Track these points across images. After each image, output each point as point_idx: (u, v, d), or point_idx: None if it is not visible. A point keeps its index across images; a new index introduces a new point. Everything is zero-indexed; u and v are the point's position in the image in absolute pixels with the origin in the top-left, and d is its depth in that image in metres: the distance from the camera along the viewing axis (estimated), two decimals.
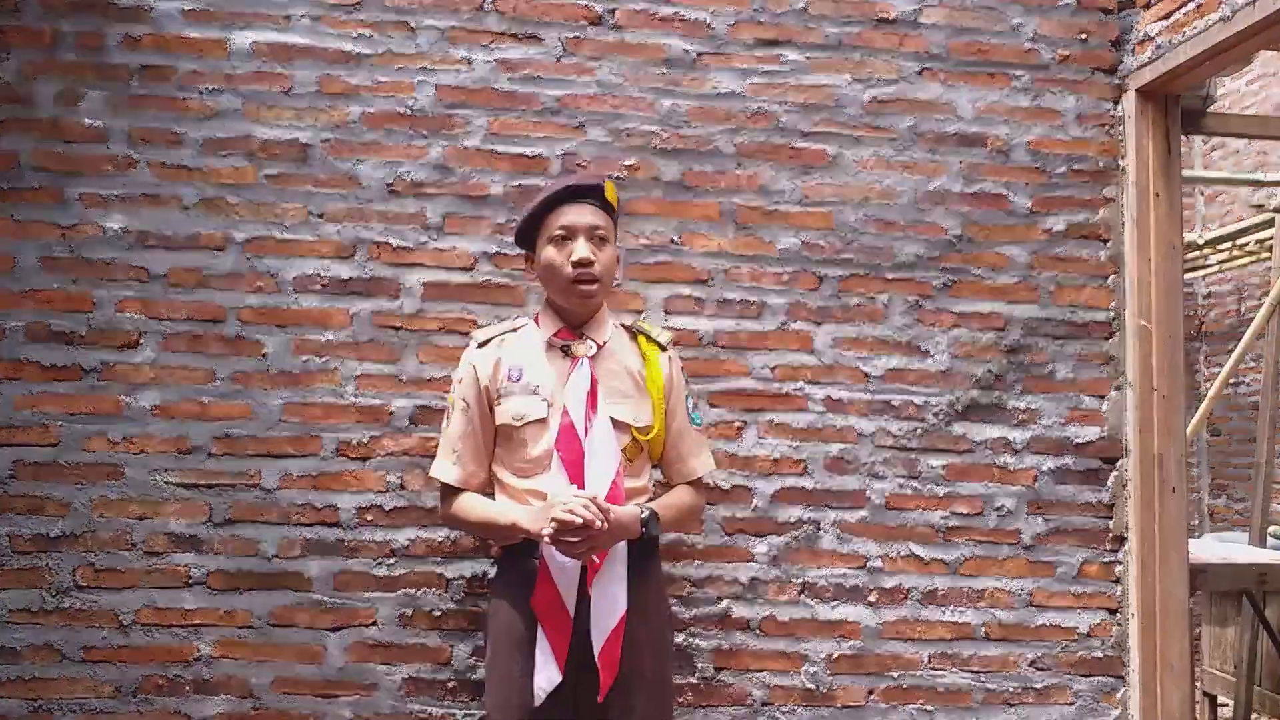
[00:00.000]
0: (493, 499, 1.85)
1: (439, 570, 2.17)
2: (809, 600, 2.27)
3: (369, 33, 2.23)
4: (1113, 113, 2.44)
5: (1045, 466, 2.36)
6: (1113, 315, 2.41)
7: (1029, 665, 2.32)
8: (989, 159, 2.39)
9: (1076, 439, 2.37)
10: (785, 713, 2.24)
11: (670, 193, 2.30)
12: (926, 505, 2.32)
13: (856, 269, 2.34)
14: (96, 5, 2.17)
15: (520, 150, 2.26)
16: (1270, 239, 4.60)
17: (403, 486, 2.17)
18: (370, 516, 2.16)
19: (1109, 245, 2.42)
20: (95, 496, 2.10)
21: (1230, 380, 4.67)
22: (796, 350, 2.31)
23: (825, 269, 2.33)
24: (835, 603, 2.28)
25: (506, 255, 2.24)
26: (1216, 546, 3.69)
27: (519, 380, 1.81)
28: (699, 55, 2.32)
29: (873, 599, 2.28)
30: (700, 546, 2.25)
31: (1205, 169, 6.13)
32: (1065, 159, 2.41)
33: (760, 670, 2.24)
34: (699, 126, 2.32)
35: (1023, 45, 2.41)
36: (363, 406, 2.18)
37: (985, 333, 2.37)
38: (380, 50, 2.23)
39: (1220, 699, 4.01)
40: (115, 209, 2.14)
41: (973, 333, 2.36)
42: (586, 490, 1.69)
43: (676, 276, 2.30)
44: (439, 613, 2.16)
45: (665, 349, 1.93)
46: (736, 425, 2.28)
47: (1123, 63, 2.44)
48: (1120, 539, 2.37)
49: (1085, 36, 2.43)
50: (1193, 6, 2.21)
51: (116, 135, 2.15)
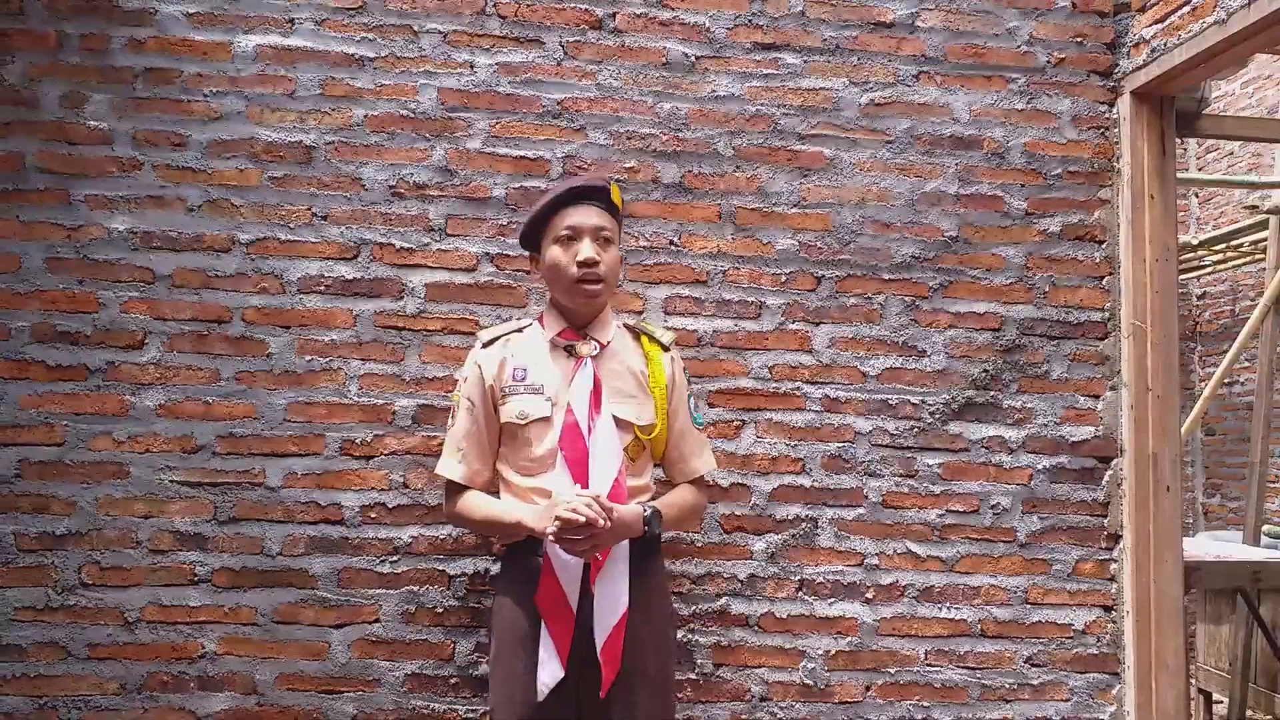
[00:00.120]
0: (497, 497, 1.87)
1: (441, 567, 2.19)
2: (807, 597, 2.29)
3: (372, 36, 2.25)
4: (1108, 115, 2.46)
5: (1041, 465, 2.38)
6: (1108, 316, 2.43)
7: (1025, 662, 2.34)
8: (985, 161, 2.41)
9: (1072, 438, 2.40)
10: (783, 708, 2.26)
11: (670, 194, 2.32)
12: (923, 503, 2.34)
13: (854, 270, 2.36)
14: (101, 8, 2.18)
15: (521, 153, 2.28)
16: (1264, 240, 4.64)
17: (406, 485, 2.19)
18: (373, 514, 2.18)
19: (1104, 246, 2.44)
20: (101, 495, 2.12)
21: (1224, 380, 4.70)
22: (794, 350, 2.33)
23: (823, 270, 2.36)
24: (833, 599, 2.30)
25: (508, 256, 2.26)
26: (1211, 545, 3.71)
27: (524, 380, 1.83)
28: (698, 59, 2.34)
29: (870, 596, 2.31)
30: (699, 544, 2.27)
31: (1200, 171, 6.15)
32: (1060, 161, 2.43)
33: (758, 666, 2.26)
34: (698, 129, 2.34)
35: (1018, 48, 2.44)
36: (366, 406, 2.20)
37: (981, 333, 2.39)
38: (383, 54, 2.25)
39: (1215, 696, 4.02)
40: (120, 210, 2.16)
41: (969, 333, 2.39)
42: (590, 489, 1.71)
43: (676, 277, 2.32)
44: (441, 609, 2.18)
45: (668, 349, 1.94)
46: (735, 424, 2.30)
47: (1118, 65, 2.46)
48: (1115, 537, 2.39)
49: (1081, 40, 2.46)
50: (1188, 10, 2.23)
51: (121, 137, 2.17)
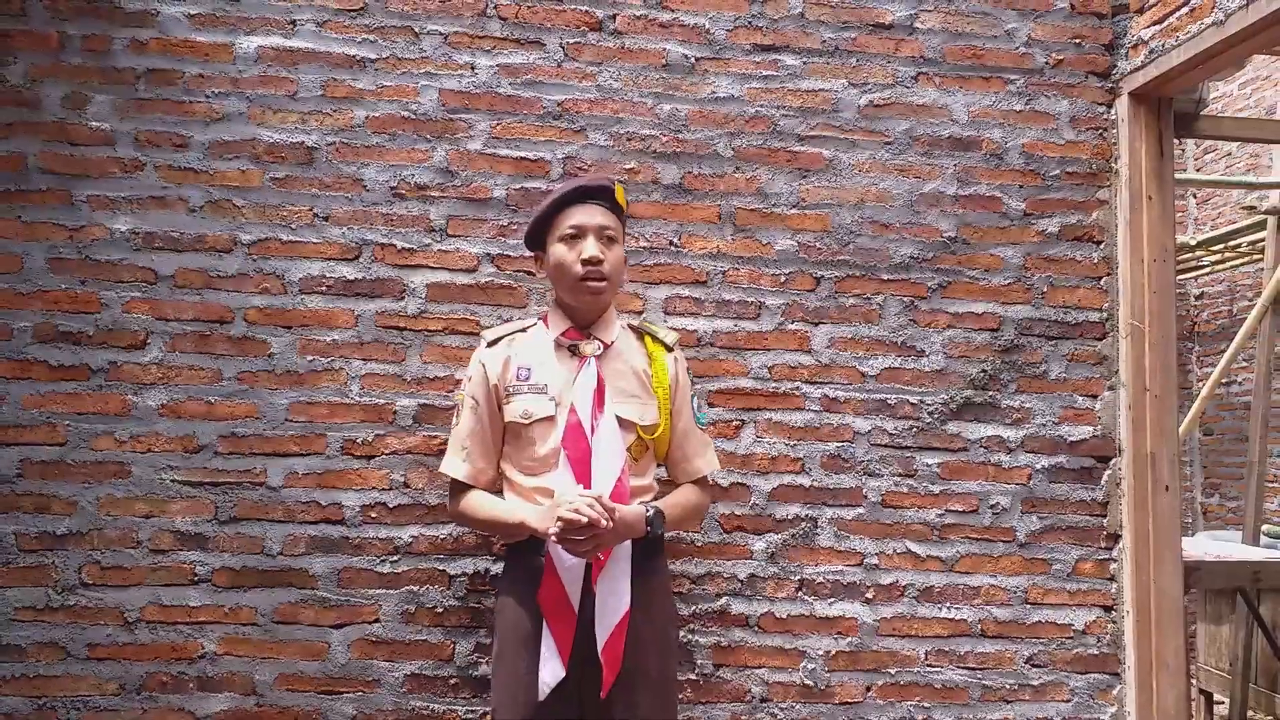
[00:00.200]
0: (501, 496, 1.87)
1: (442, 567, 2.19)
2: (807, 597, 2.29)
3: (373, 38, 2.26)
4: (1106, 116, 2.47)
5: (1039, 465, 2.39)
6: (1106, 316, 2.44)
7: (1025, 662, 2.34)
8: (983, 162, 2.42)
9: (1070, 438, 2.40)
10: (783, 709, 2.26)
11: (670, 195, 2.33)
12: (922, 503, 2.35)
13: (853, 270, 2.37)
14: (103, 9, 2.19)
15: (522, 154, 2.29)
16: (1262, 241, 4.65)
17: (406, 485, 2.19)
18: (374, 514, 2.18)
19: (1102, 247, 2.45)
20: (102, 495, 2.12)
21: (1222, 380, 4.71)
22: (794, 350, 2.34)
23: (822, 270, 2.36)
24: (833, 599, 2.30)
25: (509, 257, 2.26)
26: (1210, 544, 3.72)
27: (527, 379, 1.83)
28: (698, 60, 2.35)
29: (870, 596, 2.31)
30: (699, 544, 2.27)
31: (1198, 172, 6.16)
32: (1059, 162, 2.44)
33: (759, 667, 2.27)
34: (698, 130, 2.34)
35: (1017, 50, 2.45)
36: (367, 406, 2.20)
37: (980, 333, 2.40)
38: (384, 55, 2.26)
39: (1216, 696, 4.03)
40: (122, 211, 2.17)
41: (967, 333, 2.39)
42: (592, 489, 1.71)
43: (676, 278, 2.32)
44: (442, 609, 2.18)
45: (671, 349, 1.94)
46: (734, 424, 2.31)
47: (1116, 67, 2.47)
48: (1114, 537, 2.39)
49: (1079, 41, 2.46)
50: (1186, 11, 2.24)
51: (123, 138, 2.18)
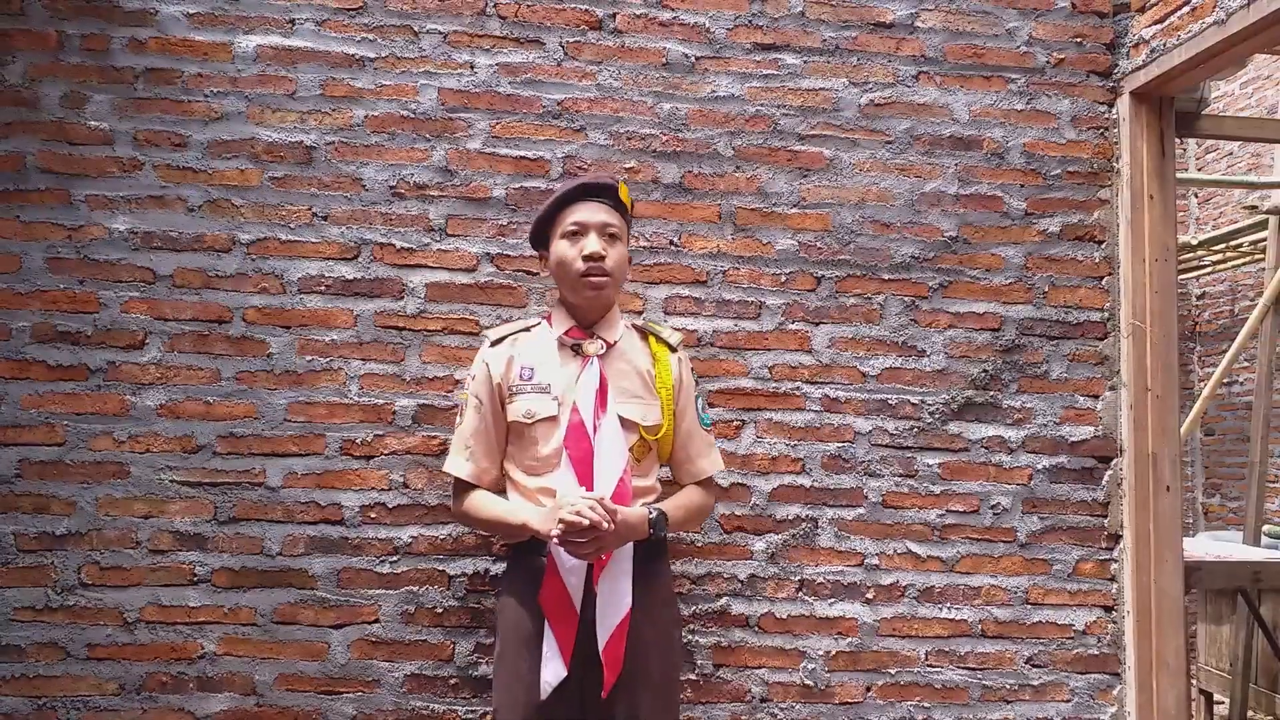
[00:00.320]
0: (505, 496, 1.86)
1: (441, 567, 2.19)
2: (807, 597, 2.29)
3: (372, 37, 2.25)
4: (1107, 115, 2.46)
5: (1040, 465, 2.38)
6: (1107, 316, 2.43)
7: (1025, 662, 2.34)
8: (984, 161, 2.42)
9: (1071, 438, 2.40)
10: (783, 709, 2.26)
11: (670, 195, 2.32)
12: (923, 503, 2.34)
13: (853, 270, 2.37)
14: (102, 9, 2.19)
15: (522, 153, 2.28)
16: (1263, 240, 4.64)
17: (406, 485, 2.19)
18: (374, 514, 2.18)
19: (1103, 246, 2.45)
20: (101, 495, 2.12)
21: (1224, 380, 4.71)
22: (794, 350, 2.33)
23: (822, 270, 2.36)
24: (833, 600, 2.30)
25: (508, 256, 2.26)
26: (1211, 545, 3.71)
27: (530, 379, 1.83)
28: (698, 59, 2.35)
29: (870, 596, 2.30)
30: (699, 544, 2.27)
31: (1199, 171, 6.16)
32: (1060, 161, 2.44)
33: (759, 667, 2.26)
34: (698, 130, 2.34)
35: (1018, 49, 2.44)
36: (366, 406, 2.20)
37: (980, 333, 2.39)
38: (383, 54, 2.25)
39: (1216, 696, 4.02)
40: (121, 210, 2.16)
41: (968, 333, 2.39)
42: (594, 489, 1.70)
43: (676, 277, 2.32)
44: (441, 610, 2.18)
45: (675, 349, 1.93)
46: (735, 424, 2.30)
47: (1117, 66, 2.46)
48: (1115, 537, 2.39)
49: (1080, 40, 2.46)
50: (1187, 10, 2.24)
51: (122, 138, 2.17)
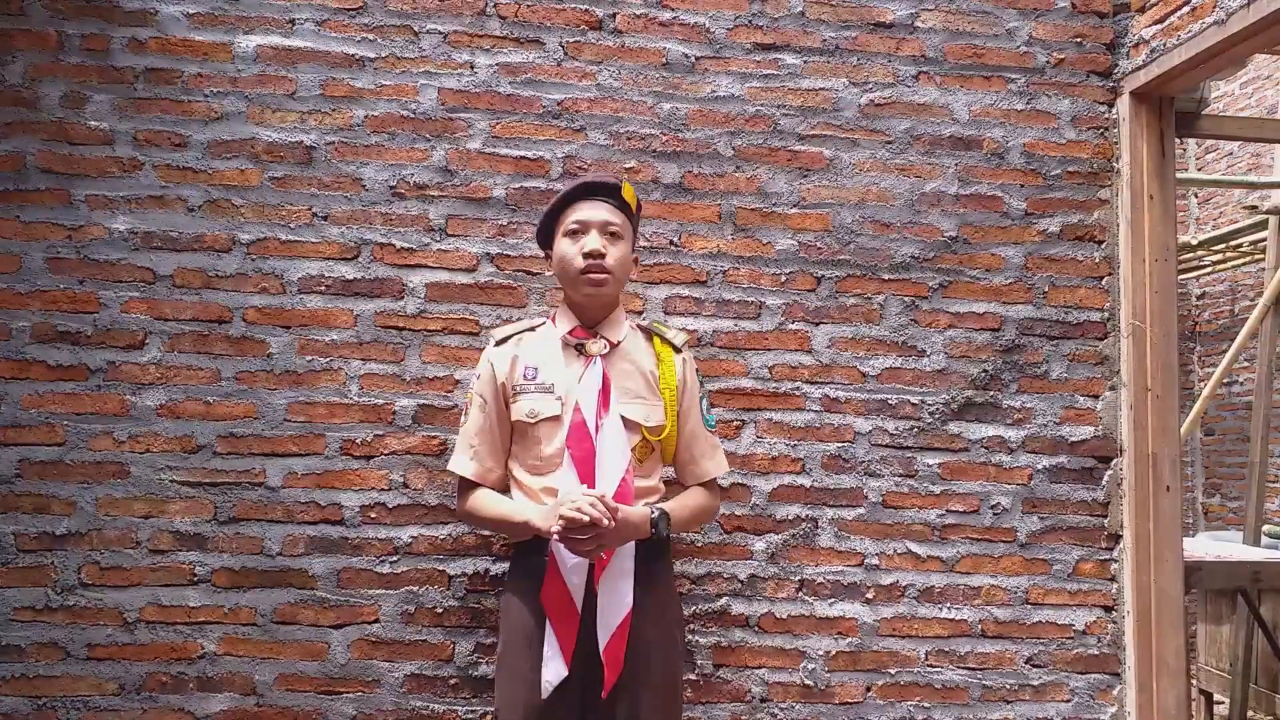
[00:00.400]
0: (509, 496, 1.86)
1: (441, 567, 2.19)
2: (807, 597, 2.29)
3: (372, 37, 2.25)
4: (1107, 115, 2.46)
5: (1040, 465, 2.38)
6: (1107, 316, 2.43)
7: (1025, 662, 2.34)
8: (984, 161, 2.42)
9: (1071, 438, 2.40)
10: (783, 709, 2.26)
11: (670, 195, 2.32)
12: (923, 503, 2.34)
13: (853, 270, 2.37)
14: (102, 9, 2.19)
15: (522, 153, 2.28)
16: (1263, 240, 4.64)
17: (406, 485, 2.19)
18: (374, 514, 2.18)
19: (1103, 247, 2.45)
20: (101, 495, 2.12)
21: (1224, 380, 4.71)
22: (794, 350, 2.33)
23: (822, 270, 2.36)
24: (833, 600, 2.30)
25: (508, 256, 2.26)
26: (1211, 545, 3.72)
27: (534, 378, 1.83)
28: (698, 59, 2.35)
29: (870, 596, 2.30)
30: (699, 544, 2.27)
31: (1199, 171, 6.15)
32: (1060, 161, 2.44)
33: (759, 667, 2.26)
34: (698, 130, 2.34)
35: (1018, 49, 2.44)
36: (366, 406, 2.20)
37: (980, 333, 2.39)
38: (383, 54, 2.25)
39: (1216, 696, 4.03)
40: (121, 211, 2.16)
41: (968, 333, 2.39)
42: (596, 489, 1.70)
43: (676, 277, 2.32)
44: (441, 610, 2.18)
45: (680, 350, 1.93)
46: (735, 424, 2.30)
47: (1117, 66, 2.46)
48: (1115, 537, 2.39)
49: (1080, 40, 2.46)
50: (1187, 10, 2.24)
51: (122, 138, 2.17)
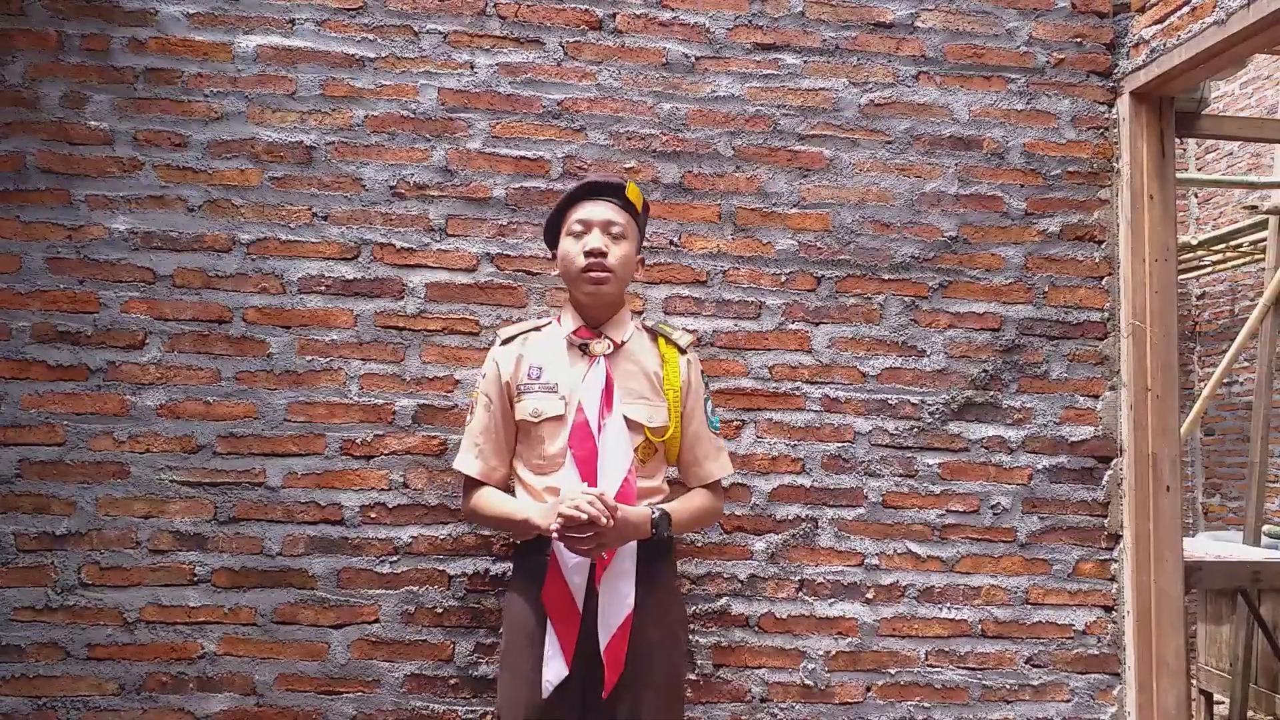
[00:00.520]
0: (513, 495, 1.86)
1: (441, 567, 2.19)
2: (807, 597, 2.29)
3: (372, 37, 2.25)
4: (1107, 115, 2.46)
5: (1040, 465, 2.38)
6: (1107, 316, 2.43)
7: (1025, 662, 2.34)
8: (984, 161, 2.42)
9: (1071, 438, 2.40)
10: (783, 709, 2.26)
11: (670, 195, 2.32)
12: (923, 503, 2.34)
13: (853, 270, 2.37)
14: (102, 8, 2.19)
15: (522, 153, 2.28)
16: (1263, 240, 4.64)
17: (406, 485, 2.19)
18: (374, 514, 2.18)
19: (1103, 247, 2.45)
20: (101, 495, 2.12)
21: (1224, 380, 4.71)
22: (794, 350, 2.33)
23: (822, 270, 2.36)
24: (833, 600, 2.30)
25: (509, 256, 2.26)
26: (1211, 545, 3.71)
27: (538, 378, 1.84)
28: (698, 59, 2.35)
29: (870, 596, 2.30)
30: (699, 544, 2.27)
31: (1199, 171, 6.15)
32: (1060, 161, 2.44)
33: (759, 667, 2.26)
34: (698, 130, 2.34)
35: (1018, 49, 2.44)
36: (366, 406, 2.20)
37: (980, 333, 2.39)
38: (383, 54, 2.25)
39: (1216, 696, 4.02)
40: (121, 211, 2.16)
41: (968, 333, 2.39)
42: (598, 488, 1.70)
43: (676, 277, 2.32)
44: (441, 610, 2.18)
45: (685, 351, 1.93)
46: (735, 424, 2.30)
47: (1117, 66, 2.46)
48: (1115, 537, 2.39)
49: (1080, 40, 2.46)
50: (1187, 10, 2.24)
51: (122, 138, 2.17)
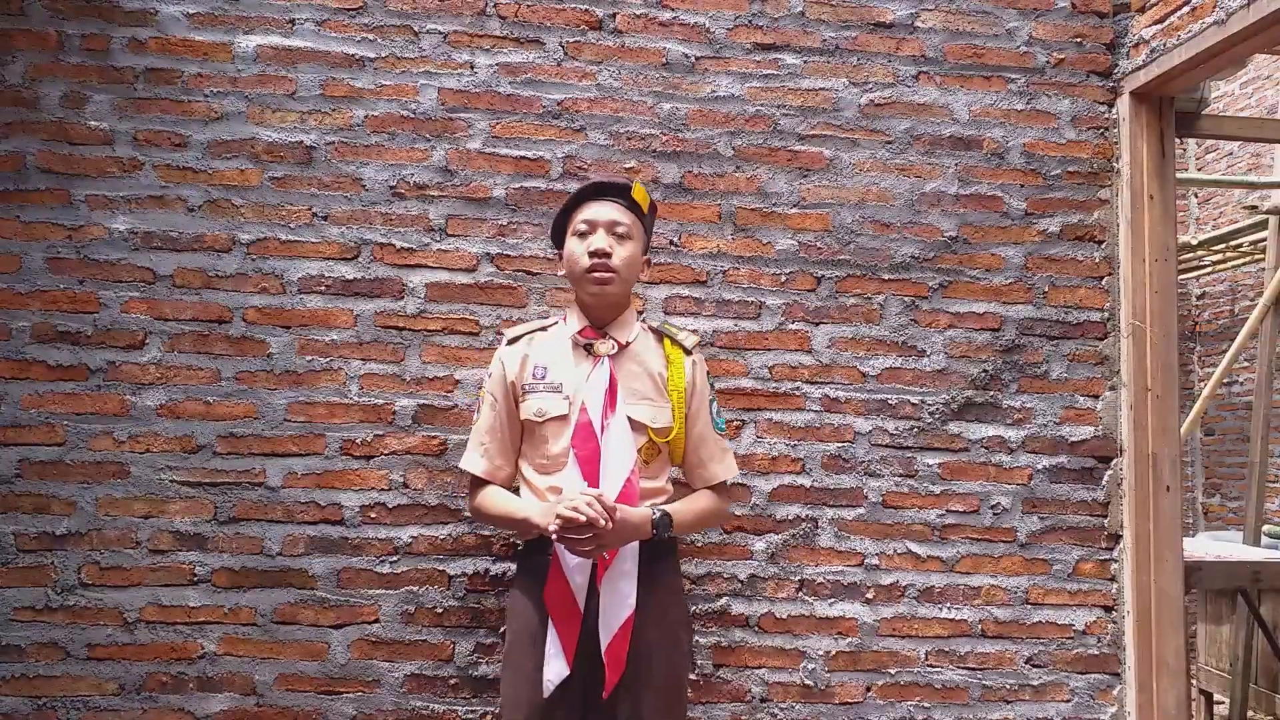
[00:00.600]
0: (518, 493, 1.87)
1: (441, 567, 2.19)
2: (807, 597, 2.29)
3: (372, 37, 2.25)
4: (1107, 115, 2.46)
5: (1040, 465, 2.38)
6: (1107, 316, 2.43)
7: (1025, 662, 2.34)
8: (984, 161, 2.42)
9: (1071, 438, 2.40)
10: (783, 709, 2.26)
11: (670, 195, 2.32)
12: (923, 503, 2.34)
13: (853, 270, 2.37)
14: (102, 9, 2.19)
15: (522, 153, 2.28)
16: (1263, 240, 4.64)
17: (406, 485, 2.19)
18: (373, 514, 2.18)
19: (1103, 247, 2.45)
20: (101, 495, 2.12)
21: (1224, 380, 4.70)
22: (794, 350, 2.33)
23: (822, 270, 2.36)
24: (833, 600, 2.30)
25: (508, 256, 2.26)
26: (1211, 545, 3.71)
27: (543, 378, 1.84)
28: (698, 59, 2.35)
29: (870, 596, 2.30)
30: (699, 544, 2.27)
31: (1199, 171, 6.15)
32: (1060, 161, 2.44)
33: (759, 667, 2.26)
34: (698, 130, 2.34)
35: (1018, 49, 2.44)
36: (366, 406, 2.20)
37: (980, 333, 2.39)
38: (383, 54, 2.25)
39: (1216, 696, 4.02)
40: (121, 211, 2.16)
41: (968, 333, 2.39)
42: (600, 489, 1.70)
43: (676, 277, 2.32)
44: (441, 610, 2.18)
45: (690, 353, 1.93)
46: (735, 424, 2.30)
47: (1117, 66, 2.46)
48: (1115, 537, 2.39)
49: (1080, 40, 2.46)
50: (1187, 10, 2.24)
51: (122, 138, 2.17)
